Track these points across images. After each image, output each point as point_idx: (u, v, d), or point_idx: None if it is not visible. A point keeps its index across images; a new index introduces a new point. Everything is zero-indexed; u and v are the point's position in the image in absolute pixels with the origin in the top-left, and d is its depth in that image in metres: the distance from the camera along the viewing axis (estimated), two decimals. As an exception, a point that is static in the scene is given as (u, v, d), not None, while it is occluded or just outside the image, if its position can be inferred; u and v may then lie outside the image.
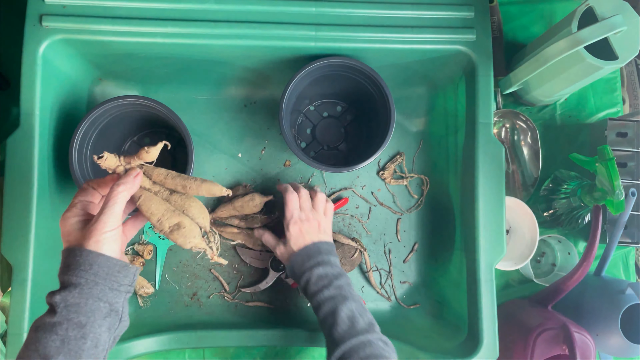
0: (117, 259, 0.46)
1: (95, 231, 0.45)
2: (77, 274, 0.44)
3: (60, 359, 0.42)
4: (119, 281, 0.46)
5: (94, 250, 0.44)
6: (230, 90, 0.81)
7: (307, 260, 0.66)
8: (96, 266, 0.44)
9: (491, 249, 0.69)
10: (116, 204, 0.46)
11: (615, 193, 0.66)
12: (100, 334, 0.44)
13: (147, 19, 0.66)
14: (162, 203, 0.50)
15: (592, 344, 0.69)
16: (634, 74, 1.22)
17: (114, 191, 0.46)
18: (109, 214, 0.45)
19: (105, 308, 0.45)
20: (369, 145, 0.75)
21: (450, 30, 0.69)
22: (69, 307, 0.43)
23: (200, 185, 0.51)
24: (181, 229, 0.50)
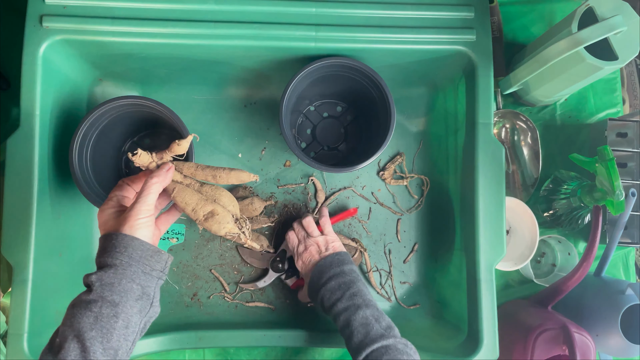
0: (150, 244, 0.49)
1: (129, 217, 0.48)
2: (112, 255, 0.47)
3: (92, 335, 0.44)
4: (151, 265, 0.49)
5: (128, 234, 0.47)
6: (230, 90, 0.81)
7: (316, 282, 0.67)
8: (130, 249, 0.47)
9: (491, 249, 0.69)
10: (150, 194, 0.50)
11: (615, 193, 0.66)
12: (131, 315, 0.46)
13: (147, 19, 0.66)
14: (194, 194, 0.54)
15: (592, 344, 0.69)
16: (634, 74, 1.22)
17: (147, 182, 0.50)
18: (142, 202, 0.49)
19: (138, 290, 0.47)
20: (369, 146, 0.75)
21: (450, 31, 0.69)
22: (104, 286, 0.45)
23: (229, 174, 0.56)
24: (215, 216, 0.53)
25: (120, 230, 0.48)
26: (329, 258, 0.68)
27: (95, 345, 0.44)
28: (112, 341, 0.45)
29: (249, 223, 0.56)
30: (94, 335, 0.44)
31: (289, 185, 0.81)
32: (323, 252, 0.70)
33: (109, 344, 0.45)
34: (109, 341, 0.44)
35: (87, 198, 0.65)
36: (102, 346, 0.44)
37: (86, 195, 0.65)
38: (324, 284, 0.65)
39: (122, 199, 0.54)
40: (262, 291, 0.79)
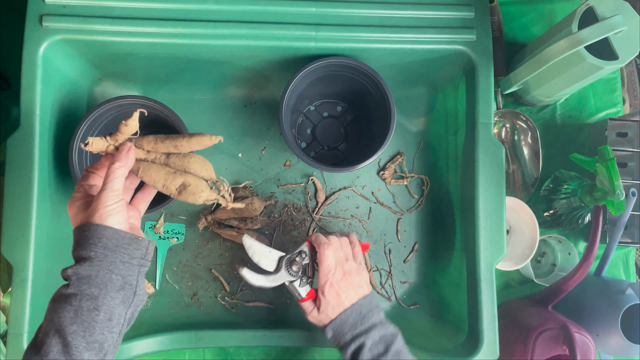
0: (126, 232, 0.47)
1: (98, 206, 0.46)
2: (86, 247, 0.45)
3: (74, 329, 0.43)
4: (130, 253, 0.47)
5: (100, 224, 0.45)
6: (230, 90, 0.81)
7: (355, 326, 0.59)
8: (105, 239, 0.45)
9: (491, 249, 0.69)
10: (115, 179, 0.48)
11: (615, 193, 0.66)
12: (114, 307, 0.45)
13: (147, 19, 0.66)
14: (160, 169, 0.51)
15: (592, 344, 0.69)
16: (634, 74, 1.22)
17: (110, 168, 0.48)
18: (108, 189, 0.47)
19: (119, 281, 0.45)
20: (369, 145, 0.75)
21: (450, 30, 0.69)
22: (80, 280, 0.44)
23: (190, 141, 0.52)
24: (187, 188, 0.51)
25: (90, 221, 0.46)
26: (367, 299, 0.61)
27: (77, 339, 0.42)
28: (94, 334, 0.43)
29: (227, 184, 0.52)
30: (75, 330, 0.43)
31: (289, 185, 0.81)
32: (359, 288, 0.61)
33: (92, 337, 0.43)
34: (91, 334, 0.43)
35: (87, 198, 0.65)
36: (85, 340, 0.43)
37: (86, 195, 0.65)
38: (365, 331, 0.58)
39: (89, 188, 0.51)
40: (262, 290, 0.79)
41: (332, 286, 0.60)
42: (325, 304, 0.60)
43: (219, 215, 0.77)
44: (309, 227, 0.81)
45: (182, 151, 0.52)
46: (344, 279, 0.61)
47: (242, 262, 0.77)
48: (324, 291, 0.60)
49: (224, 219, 0.78)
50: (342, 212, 0.82)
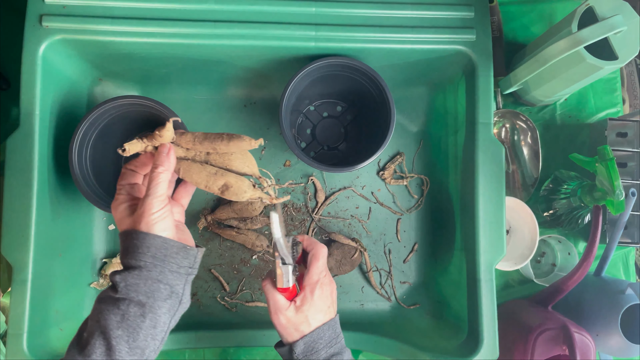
0: (175, 241, 0.47)
1: (144, 214, 0.46)
2: (135, 256, 0.45)
3: (119, 334, 0.43)
4: (178, 263, 0.47)
5: (149, 233, 0.46)
6: (230, 90, 0.81)
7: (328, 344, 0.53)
8: (153, 249, 0.45)
9: (491, 249, 0.69)
10: (159, 184, 0.48)
11: (615, 193, 0.66)
12: (160, 315, 0.45)
13: (146, 19, 0.66)
14: (201, 169, 0.51)
15: (592, 344, 0.69)
16: (634, 74, 1.22)
17: (153, 173, 0.48)
18: (153, 195, 0.47)
19: (166, 290, 0.46)
20: (369, 145, 0.75)
21: (450, 30, 0.69)
22: (128, 287, 0.44)
23: (228, 145, 0.50)
24: (230, 189, 0.50)
25: (138, 228, 0.46)
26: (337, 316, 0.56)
27: (121, 344, 0.43)
28: (138, 340, 0.44)
29: (271, 178, 0.51)
30: (120, 334, 0.43)
31: (289, 185, 0.81)
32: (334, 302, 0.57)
33: (135, 343, 0.44)
34: (135, 340, 0.44)
35: (87, 198, 0.65)
36: (128, 345, 0.43)
37: (86, 195, 0.65)
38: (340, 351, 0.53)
39: (132, 188, 0.52)
40: (262, 291, 0.79)
41: (322, 287, 0.54)
42: (310, 304, 0.53)
43: (218, 215, 0.77)
44: (308, 227, 0.81)
45: (220, 152, 0.51)
46: (330, 286, 0.56)
47: None
48: (313, 289, 0.53)
49: (223, 219, 0.78)
50: (342, 212, 0.82)
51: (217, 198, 0.80)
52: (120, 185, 0.52)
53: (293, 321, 0.52)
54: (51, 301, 0.67)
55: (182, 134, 0.52)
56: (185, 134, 0.52)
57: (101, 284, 0.76)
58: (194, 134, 0.52)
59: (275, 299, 0.53)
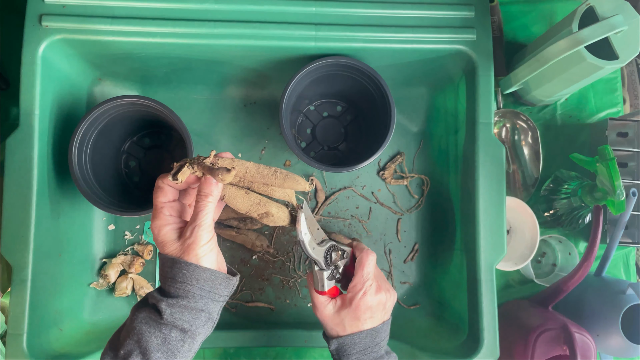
0: (220, 273, 0.48)
1: (193, 245, 0.46)
2: (184, 287, 0.46)
3: (158, 356, 0.45)
4: (220, 293, 0.48)
5: (199, 265, 0.46)
6: (230, 90, 0.81)
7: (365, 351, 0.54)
8: (202, 281, 0.46)
9: (491, 249, 0.69)
10: (208, 215, 0.47)
11: (616, 193, 0.66)
12: (197, 340, 0.47)
13: (146, 19, 0.66)
14: (247, 198, 0.51)
15: (592, 344, 0.68)
16: (634, 73, 1.22)
17: (203, 202, 0.47)
18: (203, 226, 0.47)
19: (205, 317, 0.47)
20: (369, 145, 0.75)
21: (450, 30, 0.69)
22: (174, 314, 0.45)
23: (282, 183, 0.51)
24: (269, 217, 0.52)
25: (186, 259, 0.46)
26: (385, 325, 0.57)
27: None
28: None
29: (305, 202, 0.53)
30: (160, 357, 0.45)
31: (289, 185, 0.81)
32: (385, 312, 0.57)
33: None
34: None
35: (87, 198, 0.65)
36: None
37: (85, 195, 0.65)
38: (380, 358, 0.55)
39: (172, 209, 0.49)
40: (262, 291, 0.79)
41: (364, 296, 0.54)
42: (348, 311, 0.55)
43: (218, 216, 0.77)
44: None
45: (270, 185, 0.52)
46: (377, 297, 0.55)
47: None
48: (355, 298, 0.54)
49: (223, 219, 0.78)
50: (342, 212, 0.82)
51: (217, 198, 0.80)
52: (160, 202, 0.49)
53: (329, 320, 0.56)
54: (51, 301, 0.67)
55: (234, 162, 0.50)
56: (234, 162, 0.50)
57: (101, 284, 0.76)
58: (244, 164, 0.50)
59: (313, 296, 0.58)
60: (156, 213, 0.48)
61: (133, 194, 0.78)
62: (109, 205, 0.67)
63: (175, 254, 0.47)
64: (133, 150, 0.79)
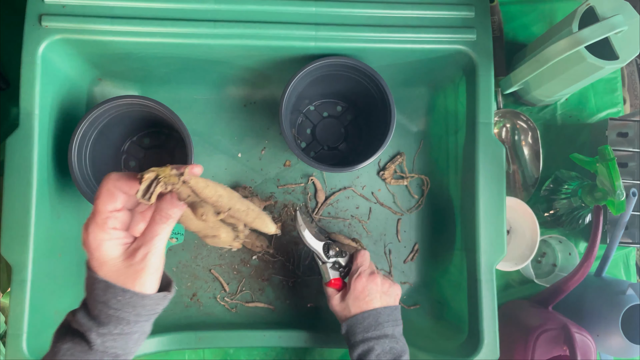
0: (159, 294, 0.42)
1: (141, 273, 0.40)
2: (118, 315, 0.40)
3: None
4: (156, 310, 0.43)
5: (140, 293, 0.40)
6: (230, 90, 0.81)
7: (368, 329, 0.61)
8: (140, 307, 0.41)
9: (492, 249, 0.69)
10: (164, 239, 0.41)
11: (616, 193, 0.66)
12: (129, 357, 0.44)
13: (146, 19, 0.66)
14: (200, 223, 0.45)
15: (592, 344, 0.68)
16: (634, 73, 1.22)
17: (160, 225, 0.40)
18: (157, 252, 0.40)
19: (138, 336, 0.43)
20: (369, 145, 0.74)
21: (450, 30, 0.69)
22: (106, 343, 0.41)
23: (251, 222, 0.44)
24: (216, 240, 0.46)
25: (128, 286, 0.40)
26: (389, 310, 0.63)
27: None
28: None
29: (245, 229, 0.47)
30: None
31: (289, 185, 0.81)
32: (386, 295, 0.64)
33: None
34: None
35: (87, 198, 0.65)
36: None
37: (85, 195, 0.65)
38: (377, 337, 0.61)
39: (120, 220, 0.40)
40: (262, 291, 0.79)
41: (360, 277, 0.64)
42: (349, 294, 0.64)
43: (218, 216, 0.77)
44: (308, 227, 0.81)
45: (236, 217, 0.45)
46: (372, 278, 0.64)
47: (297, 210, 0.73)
48: (352, 280, 0.65)
49: (223, 219, 0.78)
50: (342, 213, 0.82)
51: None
52: (106, 210, 0.39)
53: (338, 307, 0.65)
54: (50, 301, 0.67)
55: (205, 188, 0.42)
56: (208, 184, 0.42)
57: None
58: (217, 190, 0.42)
59: (325, 291, 0.68)
60: (98, 222, 0.39)
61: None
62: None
63: (113, 278, 0.39)
64: (133, 150, 0.79)
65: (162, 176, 0.38)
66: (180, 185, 0.39)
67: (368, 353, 0.60)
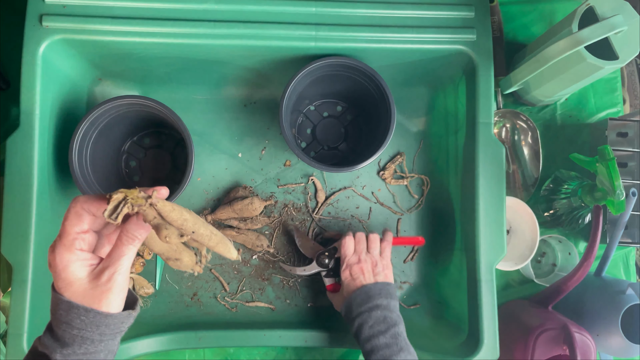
0: (124, 313, 0.42)
1: (107, 294, 0.40)
2: (82, 334, 0.40)
3: None
4: (121, 329, 0.43)
5: (103, 312, 0.40)
6: (230, 90, 0.81)
7: (360, 304, 0.64)
8: (104, 327, 0.41)
9: (491, 249, 0.69)
10: (129, 260, 0.41)
11: (615, 193, 0.66)
12: None
13: (146, 19, 0.66)
14: (163, 245, 0.46)
15: (592, 344, 0.69)
16: (634, 73, 1.22)
17: (126, 246, 0.40)
18: (123, 273, 0.40)
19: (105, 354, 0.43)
20: (369, 145, 0.75)
21: (450, 30, 0.69)
22: None
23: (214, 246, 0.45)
24: (179, 263, 0.47)
25: (93, 306, 0.39)
26: (379, 285, 0.66)
27: None
28: None
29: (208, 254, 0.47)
30: None
31: (289, 185, 0.81)
32: (375, 275, 0.68)
33: None
34: None
35: (87, 198, 0.65)
36: None
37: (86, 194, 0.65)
38: (369, 309, 0.63)
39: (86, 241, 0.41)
40: (262, 291, 0.79)
41: (346, 268, 0.69)
42: (342, 285, 0.69)
43: (219, 216, 0.77)
44: (309, 227, 0.81)
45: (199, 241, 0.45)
46: (358, 264, 0.69)
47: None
48: (342, 273, 0.69)
49: (224, 219, 0.78)
50: (342, 212, 0.82)
51: (217, 198, 0.80)
52: (73, 231, 0.40)
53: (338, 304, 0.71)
54: (51, 301, 0.67)
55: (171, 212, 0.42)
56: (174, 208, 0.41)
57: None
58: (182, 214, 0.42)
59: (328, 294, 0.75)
60: (65, 243, 0.40)
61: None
62: (109, 205, 0.66)
63: (79, 298, 0.39)
64: (133, 150, 0.79)
65: (130, 197, 0.39)
66: (146, 207, 0.39)
67: (362, 326, 0.62)
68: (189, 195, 0.79)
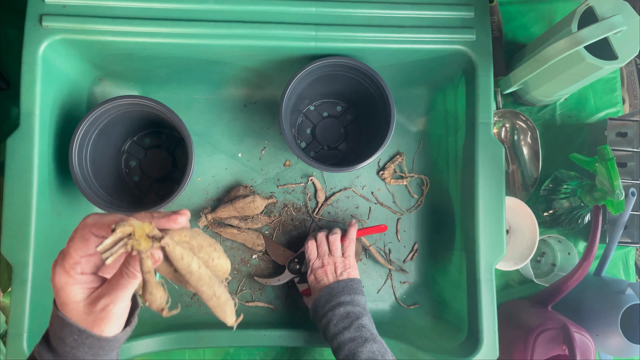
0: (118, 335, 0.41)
1: (103, 322, 0.39)
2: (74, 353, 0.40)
3: None
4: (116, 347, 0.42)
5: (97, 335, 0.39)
6: (230, 90, 0.81)
7: (324, 304, 0.66)
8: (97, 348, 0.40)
9: (491, 249, 0.69)
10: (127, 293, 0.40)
11: (615, 193, 0.66)
12: None
13: (146, 19, 0.66)
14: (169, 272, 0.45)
15: (592, 344, 0.69)
16: (633, 73, 1.22)
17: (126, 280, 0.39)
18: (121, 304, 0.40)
19: None
20: (369, 145, 0.75)
21: (450, 30, 0.69)
22: None
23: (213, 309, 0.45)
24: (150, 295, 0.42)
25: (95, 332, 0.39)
26: (342, 283, 0.68)
27: None
28: None
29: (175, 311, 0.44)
30: None
31: (289, 185, 0.81)
32: (338, 275, 0.69)
33: None
34: None
35: (87, 197, 0.65)
36: None
37: (86, 194, 0.65)
38: (332, 307, 0.65)
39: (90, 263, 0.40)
40: (262, 291, 0.79)
41: (311, 272, 0.71)
42: (311, 290, 0.71)
43: (219, 214, 0.77)
44: (309, 227, 0.81)
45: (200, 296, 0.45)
46: (321, 269, 0.70)
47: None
48: (310, 279, 0.71)
49: (224, 218, 0.78)
50: (342, 212, 0.82)
51: (217, 198, 0.80)
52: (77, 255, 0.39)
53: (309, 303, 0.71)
54: (51, 301, 0.67)
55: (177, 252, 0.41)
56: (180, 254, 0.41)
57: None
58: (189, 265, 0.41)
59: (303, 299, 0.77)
60: (65, 266, 0.39)
61: (133, 193, 0.78)
62: (109, 205, 0.67)
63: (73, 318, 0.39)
64: (133, 150, 0.79)
65: (134, 238, 0.36)
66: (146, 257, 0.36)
67: (328, 325, 0.64)
68: (189, 195, 0.80)
